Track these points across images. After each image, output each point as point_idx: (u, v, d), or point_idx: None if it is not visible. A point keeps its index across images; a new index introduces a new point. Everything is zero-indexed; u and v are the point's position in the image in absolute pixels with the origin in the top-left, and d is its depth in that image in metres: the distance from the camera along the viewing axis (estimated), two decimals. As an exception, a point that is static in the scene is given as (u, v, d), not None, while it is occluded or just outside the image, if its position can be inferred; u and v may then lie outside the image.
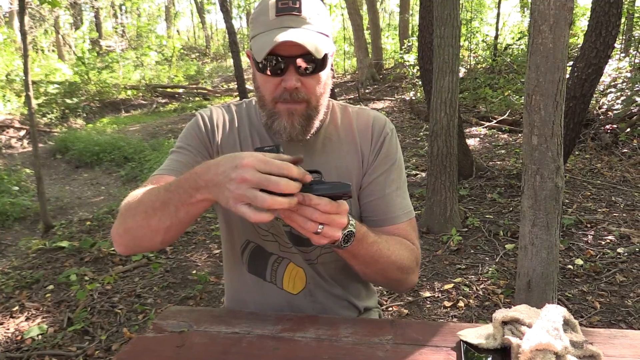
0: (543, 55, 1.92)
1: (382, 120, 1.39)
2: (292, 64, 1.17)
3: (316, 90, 1.22)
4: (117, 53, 19.29)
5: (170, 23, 29.32)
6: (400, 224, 1.34)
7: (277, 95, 1.20)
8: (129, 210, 1.16)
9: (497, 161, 6.54)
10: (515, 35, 14.61)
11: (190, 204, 1.03)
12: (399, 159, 1.38)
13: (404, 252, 1.28)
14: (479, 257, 3.81)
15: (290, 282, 1.42)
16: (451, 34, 4.11)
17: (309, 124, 1.25)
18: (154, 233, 1.11)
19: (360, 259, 1.20)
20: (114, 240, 1.21)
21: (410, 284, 1.37)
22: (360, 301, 1.50)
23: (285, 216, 0.97)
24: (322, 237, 0.99)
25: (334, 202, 0.97)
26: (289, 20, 1.16)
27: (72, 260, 4.25)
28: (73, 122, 13.65)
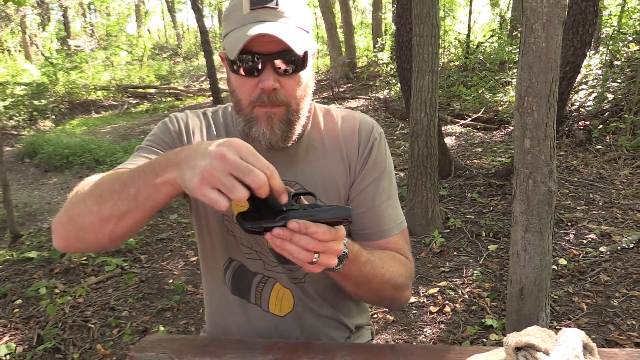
0: (536, 55, 1.85)
1: (369, 124, 1.27)
2: (269, 63, 1.05)
3: (296, 92, 1.11)
4: (86, 53, 18.84)
5: (140, 22, 28.77)
6: (392, 237, 1.24)
7: (254, 98, 1.08)
8: (79, 195, 1.00)
9: (475, 160, 6.53)
10: (487, 33, 14.74)
11: (154, 186, 0.89)
12: (389, 165, 1.27)
13: (398, 269, 1.19)
14: (462, 259, 3.76)
15: (277, 304, 1.31)
16: (430, 33, 4.05)
17: (290, 130, 1.14)
18: (103, 222, 0.95)
19: (352, 280, 1.11)
20: (53, 232, 1.03)
21: (404, 301, 1.28)
22: (351, 319, 1.40)
23: (275, 245, 0.86)
24: (316, 266, 0.89)
25: (332, 228, 0.86)
26: (265, 14, 1.05)
27: (41, 272, 4.05)
28: (41, 124, 13.27)
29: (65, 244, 1.04)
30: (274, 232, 0.84)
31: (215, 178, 0.79)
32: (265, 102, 1.08)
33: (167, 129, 1.25)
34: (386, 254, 1.19)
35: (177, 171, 0.86)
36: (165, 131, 1.25)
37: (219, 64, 16.98)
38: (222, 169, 0.78)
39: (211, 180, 0.79)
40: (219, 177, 0.78)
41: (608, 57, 8.27)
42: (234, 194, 0.78)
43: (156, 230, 5.02)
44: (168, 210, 5.65)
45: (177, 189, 0.89)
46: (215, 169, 0.79)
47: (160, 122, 1.29)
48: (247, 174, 0.79)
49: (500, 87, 9.74)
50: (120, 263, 4.09)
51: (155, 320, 3.28)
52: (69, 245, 1.04)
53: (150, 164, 0.93)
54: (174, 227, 5.07)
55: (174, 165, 0.87)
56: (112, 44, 20.92)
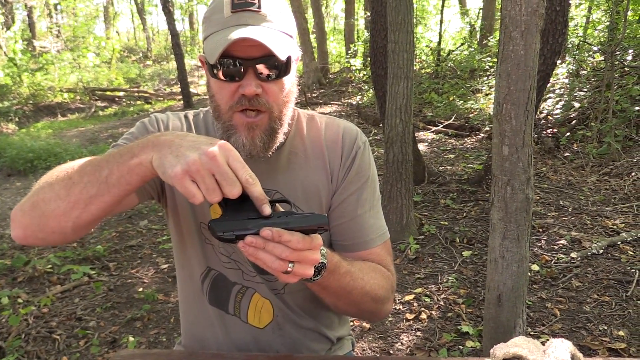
0: (514, 63, 1.85)
1: (353, 132, 1.23)
2: (251, 68, 1.01)
3: (279, 98, 1.07)
4: (52, 54, 18.38)
5: (109, 24, 28.26)
6: (374, 248, 1.21)
7: (234, 103, 1.04)
8: (48, 180, 0.96)
9: (447, 166, 6.58)
10: (457, 42, 14.97)
11: (128, 166, 0.87)
12: (372, 174, 1.24)
13: (379, 281, 1.15)
14: (437, 266, 3.76)
15: (256, 315, 1.26)
16: (405, 40, 4.06)
17: (272, 139, 1.10)
18: (70, 206, 0.91)
19: (331, 291, 1.07)
20: (12, 221, 0.98)
21: (385, 313, 1.25)
22: (332, 331, 1.36)
23: (248, 253, 0.83)
24: (292, 276, 0.86)
25: (307, 237, 0.83)
26: (247, 17, 1.01)
27: (3, 281, 3.89)
28: (4, 127, 12.87)
29: (24, 234, 0.98)
30: (246, 240, 0.81)
31: (200, 175, 0.80)
32: (245, 106, 1.04)
33: (145, 129, 1.21)
34: (367, 265, 1.16)
35: (156, 153, 0.85)
36: (143, 131, 1.20)
37: (190, 68, 16.79)
38: (209, 168, 0.80)
39: (195, 175, 0.80)
40: (204, 175, 0.80)
41: (574, 67, 8.47)
42: (211, 195, 0.80)
43: (125, 237, 4.89)
44: (138, 216, 5.52)
45: (151, 172, 0.87)
46: (203, 165, 0.79)
47: (139, 122, 1.24)
48: (228, 184, 0.80)
49: (471, 94, 9.88)
50: (88, 271, 3.96)
51: (125, 331, 3.18)
52: (28, 235, 0.98)
53: (127, 146, 0.91)
54: (144, 234, 4.94)
55: (152, 146, 0.86)
56: (80, 46, 20.46)
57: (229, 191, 0.80)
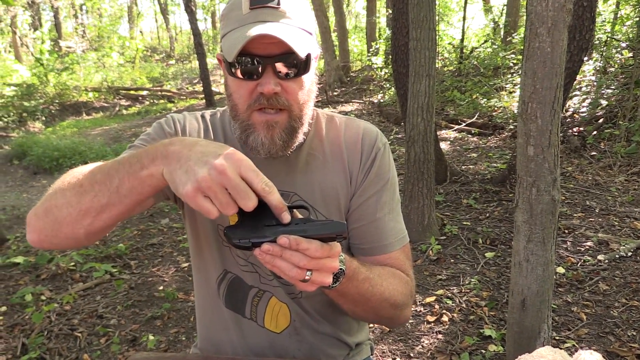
0: (540, 60, 1.79)
1: (373, 133, 1.20)
2: (270, 66, 0.98)
3: (299, 97, 1.04)
4: (78, 54, 18.68)
5: (133, 24, 28.61)
6: (393, 252, 1.17)
7: (252, 102, 1.01)
8: (59, 186, 0.95)
9: (470, 165, 6.48)
10: (480, 39, 14.76)
11: (139, 178, 0.85)
12: (392, 177, 1.20)
13: (398, 287, 1.12)
14: (459, 267, 3.70)
15: (273, 319, 1.23)
16: (427, 37, 3.99)
17: (292, 138, 1.07)
18: (82, 214, 0.90)
19: (349, 298, 1.04)
20: (27, 224, 0.98)
21: (404, 319, 1.21)
22: (351, 336, 1.33)
23: (265, 261, 0.80)
24: (309, 285, 0.83)
25: (326, 244, 0.80)
26: (266, 14, 0.98)
27: (27, 278, 3.94)
28: (31, 126, 13.12)
29: (39, 238, 0.98)
30: (262, 248, 0.79)
31: (212, 191, 0.76)
32: (264, 105, 1.01)
33: (161, 130, 1.19)
34: (386, 270, 1.13)
35: (166, 166, 0.82)
36: (159, 132, 1.19)
37: (212, 67, 16.88)
38: (220, 183, 0.76)
39: (207, 191, 0.77)
40: (216, 191, 0.76)
41: (602, 64, 8.27)
42: (226, 210, 0.77)
43: (147, 235, 4.92)
44: (159, 214, 5.56)
45: (163, 183, 0.85)
46: (213, 181, 0.76)
47: (155, 122, 1.22)
48: (242, 198, 0.77)
49: (494, 92, 9.72)
50: (110, 269, 3.99)
51: (145, 329, 3.19)
52: (42, 240, 0.98)
53: (135, 154, 0.88)
54: (165, 232, 4.97)
55: (162, 157, 0.83)
56: (104, 46, 20.76)
57: (244, 205, 0.76)
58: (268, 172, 1.15)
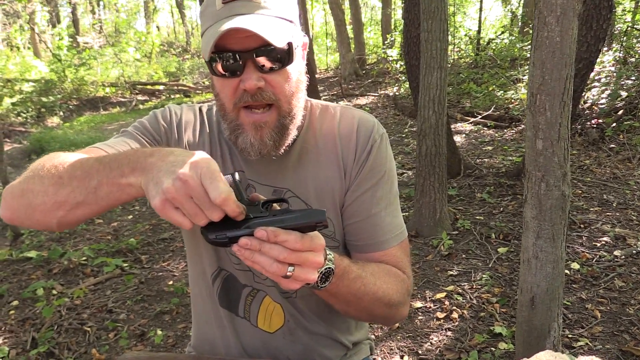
0: (549, 50, 1.72)
1: (369, 124, 1.14)
2: (250, 60, 0.94)
3: (285, 89, 1.00)
4: (95, 50, 18.83)
5: (149, 19, 28.75)
6: (390, 249, 1.13)
7: (237, 100, 0.98)
8: (40, 169, 0.92)
9: (485, 158, 6.38)
10: (498, 30, 14.54)
11: (118, 184, 0.83)
12: (389, 170, 1.15)
13: (393, 285, 1.07)
14: (471, 262, 3.63)
15: (267, 319, 1.21)
16: (439, 28, 3.92)
17: (283, 136, 1.03)
18: (56, 206, 0.89)
19: (340, 298, 1.00)
20: (3, 199, 0.96)
21: (400, 318, 1.17)
22: (348, 336, 1.29)
23: (244, 257, 0.76)
24: (293, 281, 0.79)
25: (307, 235, 0.76)
26: (239, 7, 0.94)
27: (39, 272, 3.98)
28: (49, 121, 13.27)
29: (11, 216, 0.96)
30: (240, 243, 0.75)
31: (178, 202, 0.74)
32: (249, 102, 0.98)
33: (156, 121, 1.16)
34: (380, 268, 1.09)
35: (144, 178, 0.80)
36: (153, 123, 1.16)
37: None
38: (184, 193, 0.73)
39: (174, 202, 0.74)
40: (182, 201, 0.73)
41: (622, 54, 8.07)
42: (196, 219, 0.74)
43: (158, 229, 4.93)
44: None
45: (142, 194, 0.82)
46: (177, 192, 0.73)
47: (151, 112, 1.19)
48: (206, 208, 0.73)
49: (511, 84, 9.56)
50: (120, 264, 4.01)
51: (153, 324, 3.19)
52: (14, 219, 0.97)
53: (117, 159, 0.85)
54: (176, 227, 4.97)
55: (141, 169, 0.81)
56: (121, 41, 20.90)
57: (209, 215, 0.73)
58: (260, 169, 1.13)
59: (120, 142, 1.08)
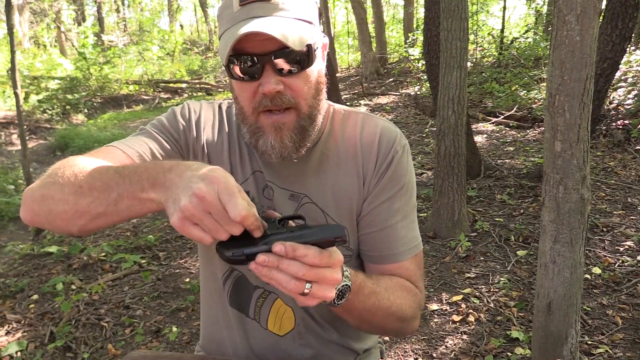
0: (569, 50, 1.68)
1: (391, 135, 1.12)
2: (268, 63, 0.93)
3: (304, 92, 0.98)
4: (119, 48, 19.08)
5: (173, 17, 29.04)
6: (404, 262, 1.11)
7: (256, 105, 0.97)
8: (59, 176, 0.92)
9: (506, 159, 6.28)
10: (522, 29, 14.32)
11: (139, 199, 0.82)
12: (409, 182, 1.12)
13: (406, 300, 1.05)
14: (489, 265, 3.58)
15: (277, 322, 1.19)
16: (459, 27, 3.86)
17: (303, 138, 1.01)
18: (77, 215, 0.88)
19: (354, 313, 0.98)
20: (23, 201, 0.95)
21: (410, 332, 1.14)
22: (359, 342, 1.27)
23: (262, 274, 0.74)
24: (310, 299, 0.77)
25: (325, 251, 0.74)
26: (257, 9, 0.92)
27: (59, 267, 4.05)
28: (74, 118, 13.48)
29: (31, 219, 0.96)
30: (258, 260, 0.73)
31: (197, 218, 0.72)
32: (269, 107, 0.96)
33: (174, 119, 1.15)
34: (394, 282, 1.07)
35: (164, 195, 0.79)
36: (172, 121, 1.15)
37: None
38: (202, 209, 0.71)
39: (192, 219, 0.73)
40: (200, 217, 0.72)
41: (650, 54, 7.87)
42: (217, 235, 0.73)
43: (177, 226, 4.97)
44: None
45: (162, 208, 0.81)
46: (195, 208, 0.72)
47: (170, 109, 1.18)
48: (225, 224, 0.72)
49: (535, 84, 9.40)
50: (138, 260, 4.05)
51: (169, 321, 3.22)
52: (35, 222, 0.97)
53: (136, 171, 0.85)
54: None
55: (161, 185, 0.80)
56: (144, 39, 21.14)
57: (228, 230, 0.72)
58: (279, 171, 1.12)
59: (139, 141, 1.07)
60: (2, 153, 9.76)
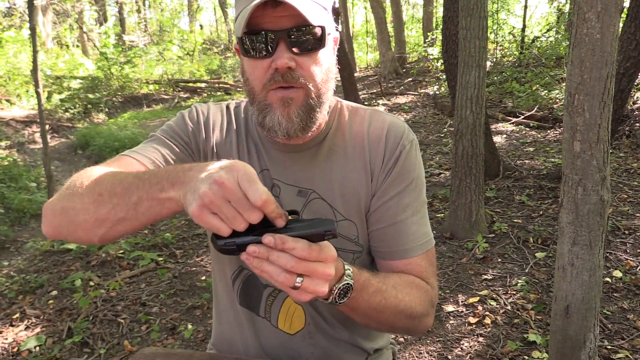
0: (589, 48, 1.64)
1: (399, 129, 1.12)
2: (282, 39, 0.93)
3: (315, 74, 0.98)
4: (140, 48, 19.29)
5: (192, 17, 29.27)
6: (414, 258, 1.09)
7: (267, 81, 0.97)
8: (78, 187, 0.93)
9: (526, 160, 6.20)
10: (543, 28, 14.11)
11: (158, 199, 0.83)
12: (418, 177, 1.12)
13: (416, 297, 1.03)
14: (507, 267, 3.53)
15: (287, 320, 1.19)
16: (478, 25, 3.82)
17: (310, 118, 1.01)
18: (98, 223, 0.90)
19: (360, 312, 0.97)
20: (44, 216, 0.97)
21: (423, 329, 1.13)
22: (370, 342, 1.27)
23: (253, 265, 0.74)
24: (302, 293, 0.76)
25: (315, 245, 0.74)
26: None
27: (78, 264, 4.10)
28: (95, 117, 13.66)
29: (53, 233, 0.98)
30: (249, 250, 0.73)
31: (215, 205, 0.72)
32: (280, 83, 0.96)
33: (184, 123, 1.16)
34: (402, 279, 1.05)
35: (182, 190, 0.79)
36: (181, 125, 1.16)
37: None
38: (222, 196, 0.71)
39: (211, 207, 0.72)
40: (220, 205, 0.72)
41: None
42: (235, 224, 0.72)
43: (193, 225, 5.00)
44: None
45: (182, 208, 0.82)
46: (215, 195, 0.71)
47: (178, 113, 1.19)
48: (245, 210, 0.72)
49: (556, 83, 9.26)
50: (155, 258, 4.08)
51: (185, 318, 3.24)
52: (57, 235, 0.98)
53: (156, 174, 0.86)
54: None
55: (180, 183, 0.80)
56: (165, 39, 21.34)
57: (247, 217, 0.72)
58: (287, 169, 1.11)
59: (150, 148, 1.08)
60: (25, 151, 9.92)
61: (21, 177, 7.32)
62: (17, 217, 6.02)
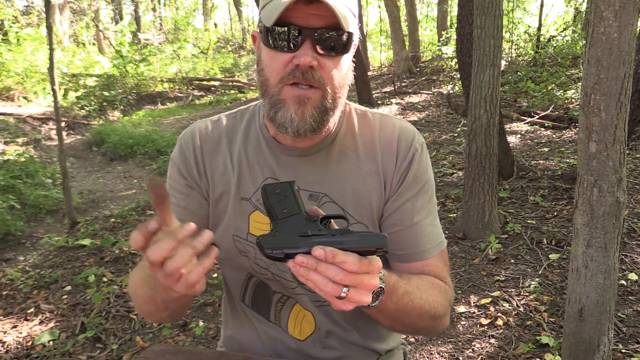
0: (606, 47, 1.62)
1: (409, 133, 1.12)
2: (310, 37, 0.92)
3: (334, 77, 0.97)
4: (155, 46, 19.42)
5: (207, 16, 29.40)
6: (430, 259, 1.10)
7: (285, 75, 0.95)
8: (130, 290, 1.11)
9: (540, 160, 6.13)
10: (559, 27, 13.96)
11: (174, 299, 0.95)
12: (429, 179, 1.12)
13: (438, 298, 1.03)
14: (520, 268, 3.50)
15: (297, 326, 1.19)
16: (492, 24, 3.78)
17: (323, 120, 1.00)
18: (158, 312, 1.06)
19: (388, 314, 0.96)
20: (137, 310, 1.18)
21: (441, 329, 1.12)
22: (381, 344, 1.26)
23: (299, 274, 0.73)
24: (346, 302, 0.75)
25: (365, 259, 0.72)
26: None
27: (92, 260, 4.14)
28: (110, 115, 13.78)
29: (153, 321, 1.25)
30: (297, 260, 0.72)
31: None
32: (298, 79, 0.95)
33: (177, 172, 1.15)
34: (425, 281, 1.05)
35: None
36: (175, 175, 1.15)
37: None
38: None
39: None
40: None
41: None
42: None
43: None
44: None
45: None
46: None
47: (170, 164, 1.17)
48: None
49: (572, 83, 9.16)
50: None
51: (196, 315, 3.25)
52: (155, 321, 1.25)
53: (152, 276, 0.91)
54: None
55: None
56: (179, 37, 21.47)
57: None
58: (297, 173, 1.10)
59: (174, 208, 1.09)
60: (41, 148, 10.03)
61: (37, 174, 7.41)
62: (33, 212, 6.09)
